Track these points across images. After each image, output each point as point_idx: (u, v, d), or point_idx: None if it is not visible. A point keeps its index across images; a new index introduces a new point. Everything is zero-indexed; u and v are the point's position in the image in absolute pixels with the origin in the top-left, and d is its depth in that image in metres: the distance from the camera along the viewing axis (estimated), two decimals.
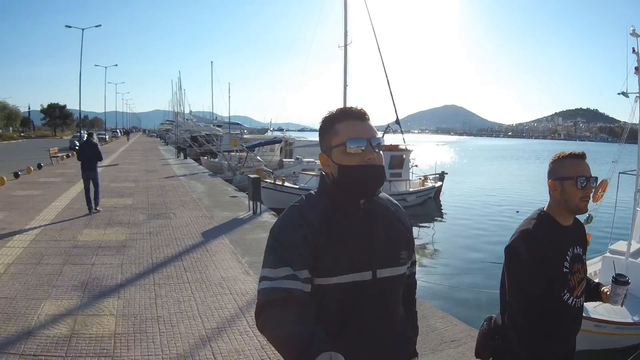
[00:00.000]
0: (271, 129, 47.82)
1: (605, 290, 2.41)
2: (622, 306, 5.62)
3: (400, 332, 1.72)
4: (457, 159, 71.94)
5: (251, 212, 12.28)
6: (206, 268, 7.44)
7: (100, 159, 12.52)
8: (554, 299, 2.13)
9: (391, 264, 1.65)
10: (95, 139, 13.13)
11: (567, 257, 2.16)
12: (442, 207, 23.61)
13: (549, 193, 2.24)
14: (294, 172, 22.01)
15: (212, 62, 63.50)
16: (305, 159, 24.93)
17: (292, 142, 30.84)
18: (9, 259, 7.68)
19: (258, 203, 12.27)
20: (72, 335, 4.90)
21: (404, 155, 21.16)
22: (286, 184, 18.62)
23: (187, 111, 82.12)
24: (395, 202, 1.83)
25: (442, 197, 24.89)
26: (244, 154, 26.70)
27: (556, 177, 2.19)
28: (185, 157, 35.60)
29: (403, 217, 1.79)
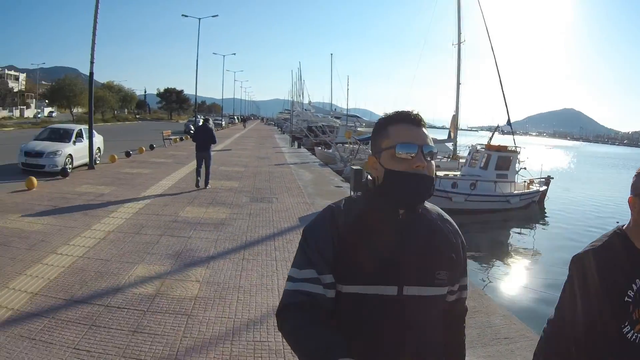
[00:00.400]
0: None
1: None
2: None
3: (429, 357, 1.71)
4: (570, 165, 70.06)
5: None
6: (295, 249, 8.06)
7: (214, 142, 14.81)
8: (611, 330, 2.02)
9: (422, 282, 1.65)
10: (211, 124, 15.59)
11: (634, 285, 2.03)
12: (545, 212, 23.76)
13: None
14: None
15: (331, 54, 67.47)
16: None
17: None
18: (110, 227, 9.03)
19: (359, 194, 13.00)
20: (157, 294, 5.81)
21: (511, 157, 21.81)
22: None
23: (306, 101, 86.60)
24: (448, 218, 1.84)
25: (546, 202, 25.09)
26: (356, 146, 28.22)
27: (637, 192, 2.05)
28: (299, 147, 37.65)
29: (452, 235, 1.78)
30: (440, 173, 20.68)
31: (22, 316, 5.09)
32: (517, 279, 12.48)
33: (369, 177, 1.78)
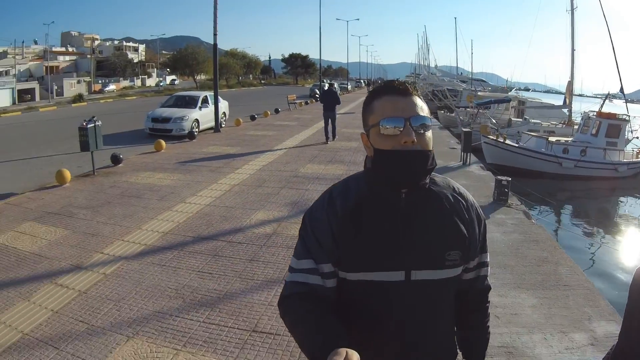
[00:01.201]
0: (514, 88, 49.60)
1: None
2: None
3: (439, 344, 1.72)
4: None
5: (461, 162, 14.56)
6: None
7: (339, 103, 17.29)
8: None
9: (431, 266, 1.60)
10: (336, 87, 17.90)
11: None
12: None
13: None
14: (518, 132, 24.41)
15: (455, 17, 66.73)
16: (533, 120, 27.90)
17: (524, 101, 34.33)
18: (235, 181, 10.25)
19: (469, 154, 14.59)
20: (273, 233, 6.83)
21: (621, 125, 22.03)
22: (507, 141, 20.86)
23: (432, 65, 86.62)
24: (462, 192, 1.77)
25: None
26: (476, 110, 29.03)
27: None
28: None
29: (464, 211, 1.71)
30: (552, 138, 21.54)
31: (153, 249, 6.34)
32: (612, 246, 12.32)
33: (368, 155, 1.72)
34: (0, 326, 4.43)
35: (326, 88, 18.59)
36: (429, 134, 1.61)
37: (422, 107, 1.60)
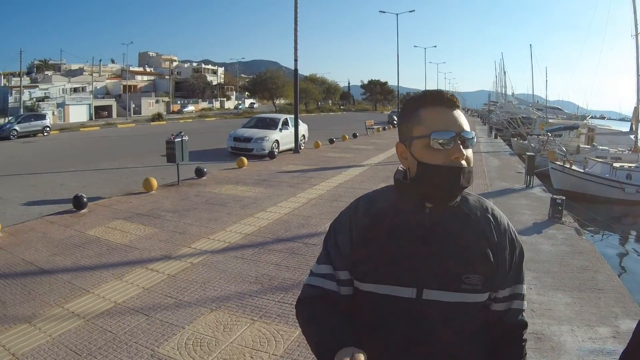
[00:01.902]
0: (589, 116, 49.32)
1: None
2: None
3: None
4: None
5: (525, 185, 14.94)
6: None
7: None
8: None
9: (445, 287, 1.54)
10: None
11: None
12: None
13: None
14: (585, 158, 24.50)
15: (530, 45, 66.77)
16: (602, 147, 27.99)
17: (594, 129, 34.88)
18: (312, 196, 11.01)
19: (532, 177, 15.09)
20: None
21: None
22: (573, 167, 21.29)
23: (509, 93, 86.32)
24: (495, 214, 1.68)
25: None
26: (546, 137, 29.39)
27: None
28: (495, 137, 39.36)
29: (494, 234, 1.62)
30: (617, 164, 21.41)
31: (236, 246, 7.10)
32: None
33: (401, 167, 1.68)
34: (94, 297, 5.22)
35: None
36: (471, 150, 1.57)
37: (467, 122, 1.58)
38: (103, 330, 4.51)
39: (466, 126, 1.54)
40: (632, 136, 28.28)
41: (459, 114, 1.55)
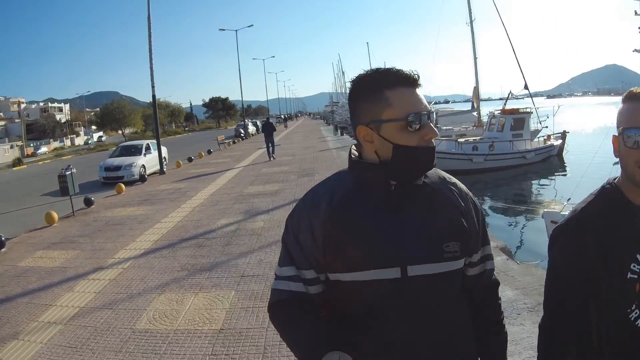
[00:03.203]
0: (432, 102, 52.42)
1: None
2: None
3: (447, 344, 1.50)
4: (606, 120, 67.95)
5: None
6: None
7: (275, 130, 22.63)
8: (613, 319, 1.56)
9: (429, 259, 1.44)
10: (271, 120, 23.43)
11: (639, 257, 1.54)
12: (565, 164, 26.35)
13: None
14: None
15: (367, 42, 70.30)
16: (445, 127, 30.55)
17: (436, 112, 36.40)
18: (195, 204, 12.23)
19: None
20: (237, 229, 8.91)
21: (525, 118, 25.25)
22: None
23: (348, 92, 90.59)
24: (454, 181, 1.63)
25: (565, 155, 27.97)
26: None
27: (617, 127, 1.57)
28: (342, 134, 40.76)
29: (459, 199, 1.56)
30: (462, 139, 24.20)
31: (152, 250, 8.19)
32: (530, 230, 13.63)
33: (353, 151, 1.59)
34: (59, 308, 5.93)
35: (265, 121, 25.17)
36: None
37: None
38: (83, 327, 5.17)
39: (427, 104, 1.48)
40: (474, 113, 31.05)
41: (421, 93, 1.48)
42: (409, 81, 1.45)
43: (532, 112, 25.55)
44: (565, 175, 23.53)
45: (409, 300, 1.43)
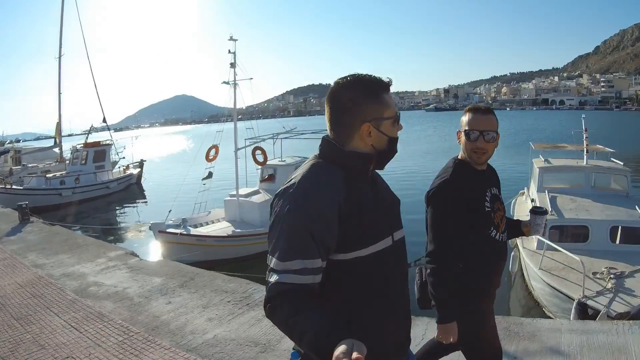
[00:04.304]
0: (7, 142, 45.84)
1: (526, 223, 2.80)
2: (543, 235, 7.77)
3: (406, 291, 1.83)
4: (188, 146, 69.94)
5: None
6: None
7: None
8: (482, 236, 2.52)
9: (400, 224, 1.82)
10: None
11: (487, 197, 2.56)
12: (144, 190, 29.30)
13: None
14: (20, 177, 25.30)
15: None
16: (31, 165, 29.42)
17: (20, 150, 34.48)
18: None
19: None
20: None
21: (106, 150, 26.47)
22: (15, 187, 22.04)
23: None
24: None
25: (144, 182, 30.92)
26: None
27: (461, 128, 2.59)
28: None
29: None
30: (50, 175, 23.70)
31: None
32: None
33: (329, 140, 1.72)
34: None
35: None
36: None
37: None
38: None
39: None
40: (56, 149, 29.95)
41: None
42: (390, 86, 1.72)
43: (112, 144, 27.10)
44: (145, 200, 26.00)
45: (397, 261, 1.75)
